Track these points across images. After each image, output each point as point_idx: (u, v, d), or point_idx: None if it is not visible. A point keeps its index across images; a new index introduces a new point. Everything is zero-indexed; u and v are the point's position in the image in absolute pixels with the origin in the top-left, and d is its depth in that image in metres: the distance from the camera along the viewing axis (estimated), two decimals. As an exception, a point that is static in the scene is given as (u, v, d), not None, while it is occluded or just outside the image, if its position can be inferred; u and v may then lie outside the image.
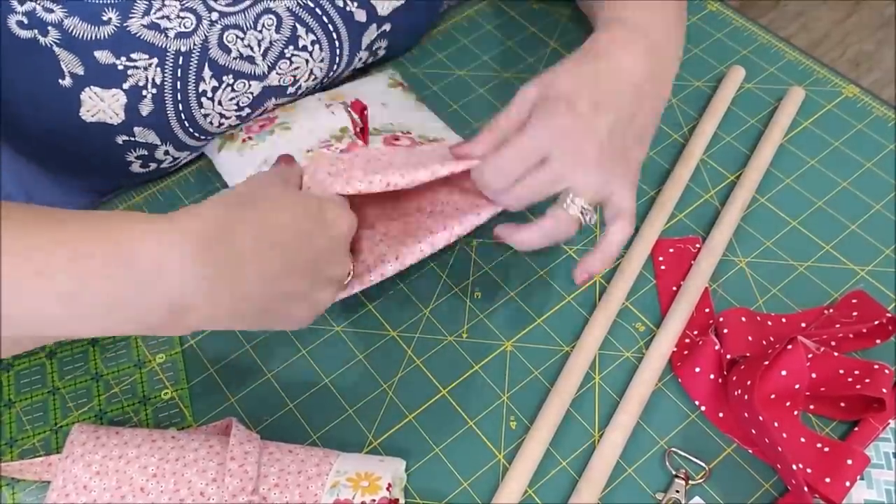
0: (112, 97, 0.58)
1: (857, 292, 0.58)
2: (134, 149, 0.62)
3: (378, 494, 0.48)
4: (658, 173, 0.66)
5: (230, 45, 0.60)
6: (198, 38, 0.59)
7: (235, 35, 0.60)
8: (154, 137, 0.62)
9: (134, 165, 0.64)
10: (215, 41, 0.60)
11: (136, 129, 0.60)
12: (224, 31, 0.60)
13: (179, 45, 0.58)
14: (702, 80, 0.72)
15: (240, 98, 0.63)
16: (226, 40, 0.60)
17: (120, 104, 0.58)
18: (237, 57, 0.61)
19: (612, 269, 0.61)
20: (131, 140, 0.61)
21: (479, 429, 0.55)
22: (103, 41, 0.56)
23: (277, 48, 0.62)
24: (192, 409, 0.57)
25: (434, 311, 0.60)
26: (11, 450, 0.55)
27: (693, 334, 0.57)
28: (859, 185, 0.65)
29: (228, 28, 0.60)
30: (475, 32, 0.77)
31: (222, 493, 0.47)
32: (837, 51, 1.87)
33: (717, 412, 0.54)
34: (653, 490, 0.52)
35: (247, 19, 0.60)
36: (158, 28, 0.57)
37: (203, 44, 0.59)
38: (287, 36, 0.62)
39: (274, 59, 0.63)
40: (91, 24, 0.55)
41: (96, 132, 0.59)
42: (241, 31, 0.60)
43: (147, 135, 0.61)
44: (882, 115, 0.68)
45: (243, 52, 0.61)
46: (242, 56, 0.61)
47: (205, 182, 0.68)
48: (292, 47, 0.63)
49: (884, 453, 0.51)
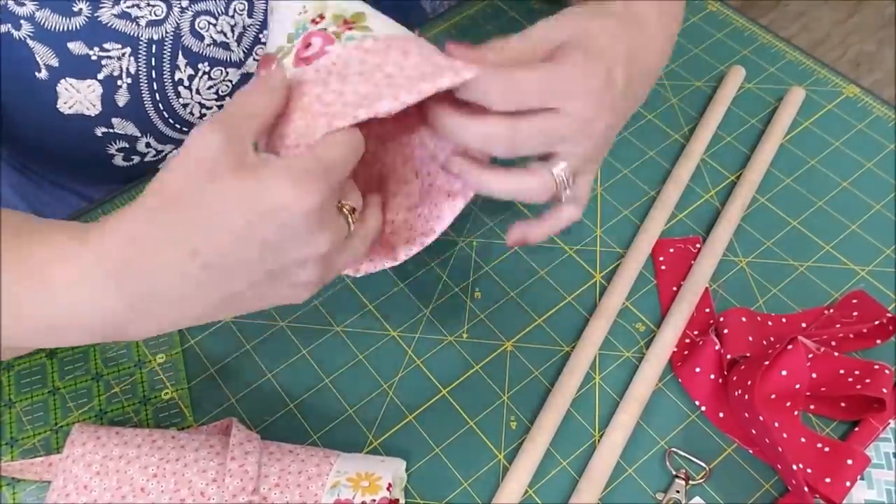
0: (88, 88, 0.58)
1: (857, 292, 0.58)
2: (114, 140, 0.61)
3: (378, 494, 0.48)
4: (658, 173, 0.66)
5: (203, 31, 0.60)
6: (169, 25, 0.59)
7: (207, 21, 0.60)
8: (133, 129, 0.61)
9: (116, 158, 0.63)
10: (187, 28, 0.59)
11: (115, 119, 0.60)
12: (196, 18, 0.60)
13: (151, 33, 0.58)
14: (702, 80, 0.72)
15: (218, 86, 0.63)
16: (198, 27, 0.60)
17: (96, 95, 0.58)
18: (211, 43, 0.61)
19: (612, 269, 0.61)
20: (111, 132, 0.61)
21: (479, 429, 0.55)
22: (76, 32, 0.56)
23: (252, 33, 0.62)
24: (192, 409, 0.57)
25: (434, 311, 0.60)
26: (12, 450, 0.55)
27: (693, 334, 0.57)
28: (859, 185, 0.65)
29: (200, 14, 0.60)
30: (475, 32, 0.77)
31: (222, 493, 0.47)
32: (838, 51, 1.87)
33: (717, 412, 0.54)
34: (653, 490, 0.52)
35: (217, 5, 0.60)
36: (129, 17, 0.57)
37: (175, 31, 0.59)
38: (261, 20, 0.62)
39: (249, 44, 0.62)
40: (62, 16, 0.55)
41: (75, 125, 0.59)
42: (212, 17, 0.60)
43: (126, 126, 0.61)
44: (882, 115, 0.68)
45: (217, 39, 0.61)
46: (216, 42, 0.61)
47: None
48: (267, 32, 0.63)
49: (884, 453, 0.51)
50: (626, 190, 0.66)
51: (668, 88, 0.72)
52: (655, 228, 0.62)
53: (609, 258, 0.62)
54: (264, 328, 0.60)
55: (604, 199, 0.65)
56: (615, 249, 0.63)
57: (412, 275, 0.62)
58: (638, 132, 0.69)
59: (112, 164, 0.64)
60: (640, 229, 0.63)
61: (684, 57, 0.74)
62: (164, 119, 0.62)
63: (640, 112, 0.70)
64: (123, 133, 0.61)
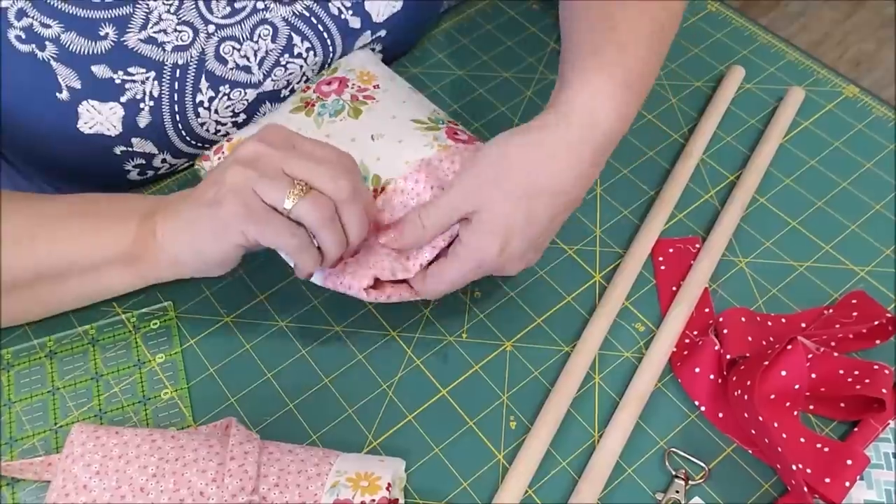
0: (110, 110, 0.58)
1: (857, 292, 0.58)
2: (132, 158, 0.62)
3: (378, 494, 0.48)
4: (658, 173, 0.66)
5: (227, 56, 0.60)
6: (195, 50, 0.59)
7: (232, 46, 0.60)
8: (151, 147, 0.62)
9: (132, 174, 0.64)
10: (212, 53, 0.60)
11: (134, 140, 0.60)
12: (221, 43, 0.60)
13: (177, 58, 0.59)
14: (702, 80, 0.72)
15: (235, 105, 0.63)
16: (222, 52, 0.60)
17: (118, 117, 0.58)
18: (234, 67, 0.61)
19: (611, 269, 0.61)
20: (129, 150, 0.61)
21: (479, 429, 0.55)
22: (100, 56, 0.56)
23: (273, 57, 0.63)
24: (192, 409, 0.57)
25: (434, 311, 0.60)
26: (11, 450, 0.55)
27: (693, 334, 0.57)
28: (859, 185, 0.65)
29: (225, 40, 0.60)
30: (475, 32, 0.77)
31: (222, 492, 0.47)
32: (837, 51, 1.87)
33: (716, 412, 0.54)
34: (652, 490, 0.52)
35: (243, 30, 0.61)
36: (156, 42, 0.58)
37: (200, 56, 0.59)
38: (283, 45, 0.63)
39: (269, 67, 0.63)
40: (88, 39, 0.55)
41: (94, 144, 0.59)
42: (237, 42, 0.61)
43: (144, 145, 0.61)
44: (882, 116, 0.68)
45: (240, 63, 0.61)
46: (239, 66, 0.61)
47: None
48: (287, 55, 0.63)
49: (883, 454, 0.51)
50: (625, 190, 0.66)
51: (668, 88, 0.72)
52: (655, 228, 0.62)
53: (609, 258, 0.62)
54: (264, 328, 0.60)
55: (603, 199, 0.65)
56: (615, 249, 0.63)
57: (412, 275, 0.62)
58: (638, 132, 0.69)
59: (126, 178, 0.64)
60: (640, 229, 0.63)
61: (684, 57, 0.74)
62: (182, 137, 0.62)
63: (640, 112, 0.70)
64: (142, 151, 0.61)
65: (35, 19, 0.54)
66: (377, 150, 0.56)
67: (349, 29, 0.65)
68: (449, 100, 0.72)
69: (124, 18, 0.56)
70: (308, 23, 0.63)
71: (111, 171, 0.63)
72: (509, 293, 0.61)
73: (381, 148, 0.56)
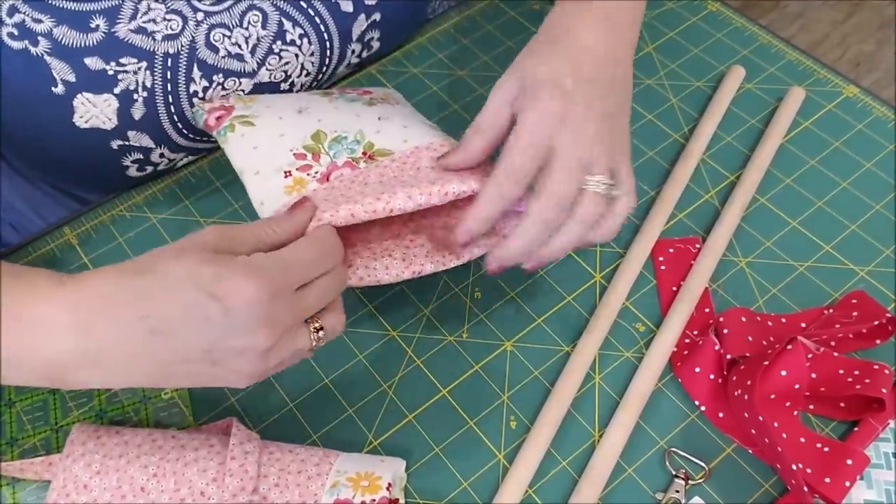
0: (104, 102, 0.58)
1: (857, 292, 0.58)
2: (129, 153, 0.62)
3: (378, 494, 0.48)
4: (658, 173, 0.66)
5: (217, 44, 0.61)
6: (185, 39, 0.59)
7: (222, 34, 0.60)
8: (148, 141, 0.62)
9: (130, 170, 0.64)
10: (203, 41, 0.60)
11: (130, 133, 0.60)
12: (211, 31, 0.60)
13: (167, 47, 0.59)
14: (702, 80, 0.72)
15: (230, 96, 0.63)
16: (213, 39, 0.60)
17: (112, 109, 0.58)
18: (225, 55, 0.61)
19: (612, 269, 0.61)
20: (126, 144, 0.61)
21: (479, 429, 0.55)
22: (92, 48, 0.56)
23: (265, 44, 0.62)
24: (192, 409, 0.57)
25: (434, 311, 0.60)
26: (12, 449, 0.55)
27: (693, 334, 0.57)
28: (859, 185, 0.65)
29: (215, 27, 0.60)
30: (475, 32, 0.77)
31: (222, 492, 0.47)
32: (837, 51, 1.87)
33: (716, 412, 0.54)
34: (653, 490, 0.52)
35: (232, 17, 0.61)
36: (146, 32, 0.58)
37: (191, 44, 0.59)
38: (274, 31, 0.62)
39: (263, 55, 0.63)
40: (80, 32, 0.56)
41: (91, 138, 0.59)
42: (227, 30, 0.61)
43: (141, 138, 0.61)
44: (882, 116, 0.68)
45: (231, 50, 0.61)
46: (231, 54, 0.61)
47: (206, 182, 0.68)
48: (280, 42, 0.63)
49: (883, 453, 0.52)
50: (625, 190, 0.66)
51: (668, 88, 0.72)
52: (655, 228, 0.63)
53: (609, 258, 0.62)
54: (264, 328, 0.60)
55: (604, 199, 0.65)
56: (615, 249, 0.63)
57: (412, 275, 0.62)
58: (638, 132, 0.69)
59: (126, 174, 0.64)
60: (640, 229, 0.63)
61: (684, 57, 0.74)
62: (178, 129, 0.62)
63: (640, 112, 0.70)
64: (139, 145, 0.62)
65: (27, 15, 0.54)
66: (380, 126, 0.56)
67: (341, 13, 0.65)
68: (449, 100, 0.72)
69: (114, 9, 0.56)
70: (297, 7, 0.63)
71: (110, 167, 0.63)
72: (509, 293, 0.61)
73: (385, 125, 0.56)
